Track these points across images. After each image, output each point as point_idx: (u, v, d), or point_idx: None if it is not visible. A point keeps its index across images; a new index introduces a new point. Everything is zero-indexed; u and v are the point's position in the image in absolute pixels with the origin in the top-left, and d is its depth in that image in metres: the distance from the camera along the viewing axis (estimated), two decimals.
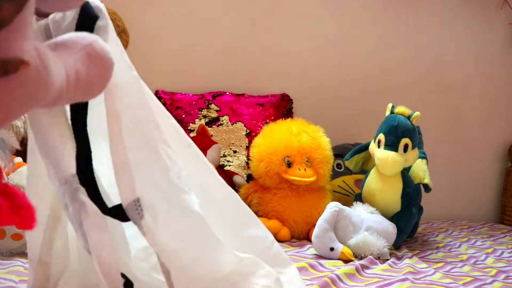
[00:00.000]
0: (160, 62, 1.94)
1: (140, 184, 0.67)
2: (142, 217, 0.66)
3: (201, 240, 0.72)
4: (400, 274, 1.24)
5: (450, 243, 1.68)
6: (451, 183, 2.25)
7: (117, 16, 1.72)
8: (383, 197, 1.56)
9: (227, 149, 1.87)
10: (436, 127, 2.19)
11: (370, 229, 1.41)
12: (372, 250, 1.37)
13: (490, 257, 1.49)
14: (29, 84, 0.46)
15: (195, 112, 1.89)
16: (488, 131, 2.32)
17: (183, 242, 0.70)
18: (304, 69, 2.09)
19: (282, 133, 1.64)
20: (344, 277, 1.17)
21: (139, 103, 0.70)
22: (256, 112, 1.93)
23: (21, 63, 0.44)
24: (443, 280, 1.19)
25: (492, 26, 2.28)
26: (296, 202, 1.60)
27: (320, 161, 1.62)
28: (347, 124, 2.10)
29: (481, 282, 1.22)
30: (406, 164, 1.54)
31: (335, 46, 2.12)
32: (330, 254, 1.35)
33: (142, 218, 0.66)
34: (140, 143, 0.68)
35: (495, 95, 2.32)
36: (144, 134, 0.69)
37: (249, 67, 2.04)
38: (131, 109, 0.68)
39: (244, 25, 2.03)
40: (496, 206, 2.34)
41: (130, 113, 0.68)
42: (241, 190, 1.69)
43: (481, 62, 2.29)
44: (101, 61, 0.58)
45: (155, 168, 0.69)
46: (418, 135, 1.57)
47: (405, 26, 2.19)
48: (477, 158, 2.31)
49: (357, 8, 2.13)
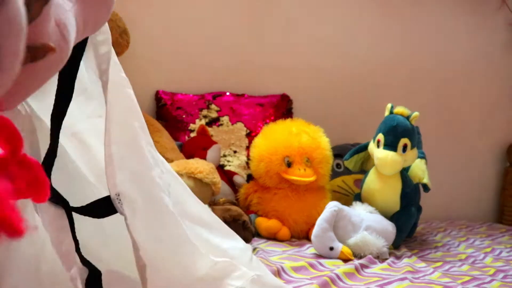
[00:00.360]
0: (161, 62, 1.95)
1: (121, 179, 0.67)
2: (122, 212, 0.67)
3: (177, 241, 0.72)
4: (399, 273, 1.24)
5: (449, 243, 1.69)
6: (450, 183, 2.26)
7: (117, 17, 1.73)
8: (382, 197, 1.56)
9: (227, 149, 1.87)
10: (435, 127, 2.20)
11: (369, 228, 1.41)
12: (371, 250, 1.38)
13: (489, 257, 1.50)
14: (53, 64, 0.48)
15: (196, 112, 1.90)
16: (487, 131, 2.33)
17: (159, 240, 0.70)
18: (304, 69, 2.10)
19: (282, 133, 1.65)
20: (344, 276, 1.17)
21: (127, 102, 0.71)
22: (256, 112, 1.94)
23: (49, 50, 0.45)
24: (442, 279, 1.20)
25: (490, 26, 2.29)
26: (296, 202, 1.60)
27: (320, 161, 1.63)
28: (347, 124, 2.10)
29: (480, 281, 1.22)
30: (405, 164, 1.54)
31: (335, 46, 2.13)
32: (330, 254, 1.36)
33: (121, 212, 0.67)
34: (125, 139, 0.69)
35: (494, 95, 2.33)
36: (129, 131, 0.70)
37: (249, 67, 2.05)
38: (119, 105, 0.69)
39: (244, 25, 2.04)
40: (495, 206, 2.34)
41: (118, 109, 0.69)
42: (241, 190, 1.70)
43: (479, 62, 2.30)
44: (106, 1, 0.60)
45: (137, 164, 0.70)
46: (417, 135, 1.57)
47: (405, 27, 2.20)
48: (476, 158, 2.32)
49: (357, 8, 2.14)
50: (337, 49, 2.13)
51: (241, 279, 0.76)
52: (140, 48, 1.86)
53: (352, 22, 2.14)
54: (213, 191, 1.51)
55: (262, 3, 2.05)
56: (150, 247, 0.68)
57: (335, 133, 1.83)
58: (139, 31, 1.87)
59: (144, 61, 1.90)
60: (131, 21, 1.82)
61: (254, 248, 1.37)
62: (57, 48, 0.47)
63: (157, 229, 0.70)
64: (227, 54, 2.02)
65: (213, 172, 1.51)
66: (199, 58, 1.99)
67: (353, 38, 2.14)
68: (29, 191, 0.45)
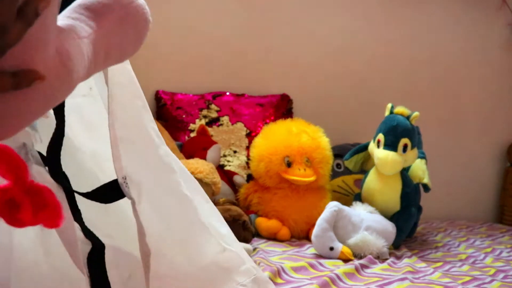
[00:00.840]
0: (161, 62, 1.95)
1: (127, 161, 0.65)
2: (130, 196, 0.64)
3: (186, 222, 0.69)
4: (400, 273, 1.24)
5: (449, 243, 1.69)
6: (450, 183, 2.26)
7: None
8: (382, 197, 1.56)
9: (227, 149, 1.87)
10: (435, 127, 2.20)
11: (369, 228, 1.41)
12: (371, 250, 1.38)
13: (489, 257, 1.50)
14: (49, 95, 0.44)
15: (196, 112, 1.89)
16: (487, 131, 2.33)
17: (167, 222, 0.67)
18: (304, 69, 2.10)
19: (282, 133, 1.65)
20: (344, 276, 1.17)
21: (129, 81, 0.69)
22: (256, 112, 1.94)
23: (36, 77, 0.41)
24: (442, 280, 1.20)
25: (491, 27, 2.29)
26: (296, 202, 1.60)
27: (320, 161, 1.63)
28: (347, 124, 2.10)
29: (480, 281, 1.22)
30: (405, 164, 1.54)
31: (335, 46, 2.13)
32: (330, 254, 1.36)
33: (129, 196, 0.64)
34: (129, 119, 0.66)
35: (494, 96, 2.33)
36: (133, 110, 0.67)
37: (249, 67, 2.05)
38: (120, 84, 0.67)
39: (244, 25, 2.04)
40: (495, 206, 2.34)
41: (120, 88, 0.67)
42: (241, 190, 1.70)
43: (480, 62, 2.30)
44: (136, 26, 0.54)
45: (143, 144, 0.67)
46: (417, 135, 1.57)
47: (405, 27, 2.20)
48: (476, 158, 2.32)
49: (357, 9, 2.14)
50: (337, 50, 2.13)
51: (244, 276, 0.74)
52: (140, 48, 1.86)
53: (352, 23, 2.14)
54: (213, 191, 1.51)
55: (262, 3, 2.05)
56: (157, 232, 0.66)
57: (335, 133, 1.83)
58: None
59: (144, 61, 1.89)
60: None
61: (254, 248, 1.37)
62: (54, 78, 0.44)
63: (165, 212, 0.67)
64: (227, 54, 2.02)
65: (213, 172, 1.51)
66: (199, 58, 1.99)
67: (353, 38, 2.14)
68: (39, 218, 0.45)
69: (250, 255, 1.29)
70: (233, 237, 0.81)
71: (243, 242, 1.31)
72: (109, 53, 0.51)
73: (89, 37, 0.48)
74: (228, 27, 2.02)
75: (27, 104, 0.42)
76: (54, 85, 0.44)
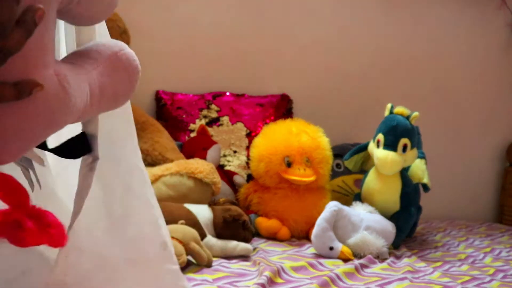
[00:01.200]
0: (161, 62, 1.95)
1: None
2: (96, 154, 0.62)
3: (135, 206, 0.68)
4: (399, 273, 1.24)
5: (448, 243, 1.69)
6: (450, 183, 2.26)
7: (118, 17, 1.73)
8: (382, 197, 1.57)
9: (227, 149, 1.87)
10: (435, 127, 2.20)
11: (369, 228, 1.42)
12: (371, 250, 1.38)
13: (488, 256, 1.50)
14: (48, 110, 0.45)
15: (196, 112, 1.90)
16: (486, 131, 2.33)
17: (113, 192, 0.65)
18: (304, 69, 2.10)
19: (282, 133, 1.65)
20: (344, 276, 1.17)
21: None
22: (256, 112, 1.94)
23: (35, 86, 0.42)
24: (441, 279, 1.20)
25: (490, 27, 2.29)
26: (296, 202, 1.61)
27: (320, 161, 1.63)
28: (346, 124, 2.10)
29: (480, 281, 1.23)
30: (405, 164, 1.55)
31: (335, 46, 2.13)
32: (330, 253, 1.36)
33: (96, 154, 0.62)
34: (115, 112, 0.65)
35: (494, 95, 2.33)
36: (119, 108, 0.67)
37: (249, 68, 2.05)
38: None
39: (244, 25, 2.04)
40: (495, 206, 2.35)
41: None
42: (241, 190, 1.70)
43: (479, 63, 2.30)
44: (127, 71, 0.57)
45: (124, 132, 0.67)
46: (417, 135, 1.58)
47: (404, 27, 2.20)
48: (476, 158, 2.32)
49: (357, 9, 2.14)
50: (337, 50, 2.13)
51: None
52: (140, 48, 1.85)
53: (352, 23, 2.15)
54: (213, 191, 1.51)
55: (263, 4, 2.05)
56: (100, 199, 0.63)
57: (335, 133, 1.84)
58: (139, 32, 1.87)
59: (144, 61, 1.89)
60: (132, 21, 1.82)
61: (254, 248, 1.38)
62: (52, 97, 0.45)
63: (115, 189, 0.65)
64: (227, 54, 2.02)
65: (213, 172, 1.52)
66: (199, 58, 1.99)
67: (353, 38, 2.15)
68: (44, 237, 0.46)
69: (250, 255, 1.30)
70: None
71: (243, 242, 1.32)
72: (103, 94, 0.53)
73: (86, 74, 0.51)
74: (228, 27, 2.02)
75: (27, 120, 0.44)
76: (52, 103, 0.45)
